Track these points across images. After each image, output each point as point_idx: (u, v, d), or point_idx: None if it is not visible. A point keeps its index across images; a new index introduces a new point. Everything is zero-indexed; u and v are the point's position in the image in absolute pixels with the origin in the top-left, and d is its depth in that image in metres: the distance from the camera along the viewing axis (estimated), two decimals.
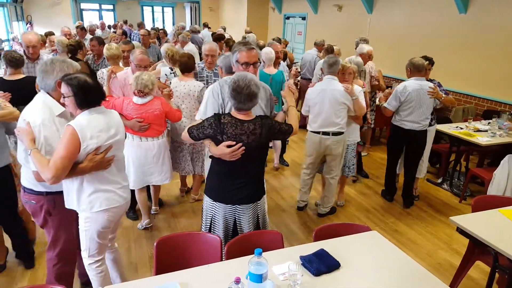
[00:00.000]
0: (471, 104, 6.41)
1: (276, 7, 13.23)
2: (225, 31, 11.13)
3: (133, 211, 4.02)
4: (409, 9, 7.71)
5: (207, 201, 2.55)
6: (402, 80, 5.52)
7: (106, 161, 2.28)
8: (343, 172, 4.34)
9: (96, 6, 19.04)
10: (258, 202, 2.54)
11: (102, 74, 4.08)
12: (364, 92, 4.13)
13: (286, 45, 9.64)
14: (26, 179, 2.39)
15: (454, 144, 4.89)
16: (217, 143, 2.34)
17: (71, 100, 2.17)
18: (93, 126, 2.19)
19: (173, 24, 18.53)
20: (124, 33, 8.58)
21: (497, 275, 2.63)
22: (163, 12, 20.23)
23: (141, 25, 11.22)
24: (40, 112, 2.24)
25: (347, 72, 3.92)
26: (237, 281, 1.67)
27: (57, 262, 2.57)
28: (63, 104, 2.27)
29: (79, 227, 2.42)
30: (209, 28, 12.19)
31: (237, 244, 2.26)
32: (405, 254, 2.22)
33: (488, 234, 2.43)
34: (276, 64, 4.99)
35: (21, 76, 3.70)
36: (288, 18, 12.95)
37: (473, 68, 6.45)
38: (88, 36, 8.48)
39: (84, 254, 2.47)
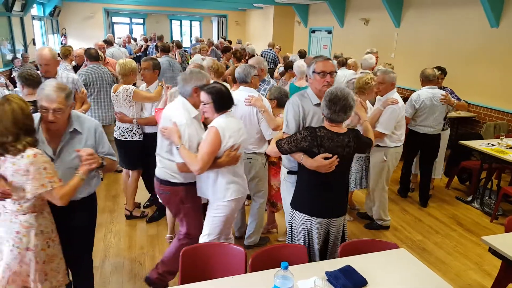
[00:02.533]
0: (503, 120, 6.22)
1: (302, 21, 13.33)
2: (230, 43, 12.01)
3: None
4: (439, 23, 7.60)
5: (299, 216, 2.52)
6: None
7: (237, 157, 2.63)
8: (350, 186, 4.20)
9: (127, 20, 19.73)
10: (346, 215, 2.60)
11: (127, 91, 3.70)
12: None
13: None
14: (165, 172, 2.71)
15: (486, 161, 4.74)
16: (312, 155, 2.38)
17: (210, 106, 2.54)
18: (230, 127, 2.56)
19: (200, 37, 18.96)
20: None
21: None
22: (190, 26, 20.74)
23: (161, 38, 11.45)
24: (183, 113, 2.60)
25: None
26: None
27: (186, 243, 2.80)
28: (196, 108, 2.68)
29: (208, 213, 2.73)
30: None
31: (261, 256, 2.25)
32: (434, 273, 2.16)
33: None
34: None
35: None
36: (313, 31, 13.01)
37: (505, 83, 6.26)
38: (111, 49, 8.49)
39: (204, 239, 2.74)
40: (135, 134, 3.91)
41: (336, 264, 2.14)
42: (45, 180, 2.03)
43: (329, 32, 11.89)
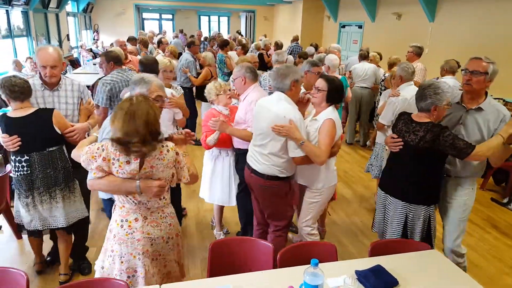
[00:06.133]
0: None
1: (332, 15, 13.12)
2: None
3: None
4: (476, 17, 7.30)
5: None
6: None
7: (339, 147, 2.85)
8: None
9: (157, 15, 20.04)
10: (411, 205, 2.60)
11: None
12: None
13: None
14: (272, 168, 2.75)
15: None
16: None
17: (323, 94, 2.70)
18: (338, 119, 2.72)
19: (228, 33, 19.04)
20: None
21: None
22: (219, 21, 20.85)
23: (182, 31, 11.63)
24: (294, 108, 2.68)
25: None
26: None
27: (285, 234, 3.06)
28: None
29: (309, 199, 2.92)
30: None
31: (289, 253, 2.24)
32: (468, 276, 2.09)
33: None
34: None
35: (31, 110, 2.63)
36: (343, 26, 12.79)
37: None
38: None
39: (306, 223, 2.97)
40: None
41: (366, 263, 2.11)
42: (186, 164, 2.17)
43: (360, 27, 11.66)
